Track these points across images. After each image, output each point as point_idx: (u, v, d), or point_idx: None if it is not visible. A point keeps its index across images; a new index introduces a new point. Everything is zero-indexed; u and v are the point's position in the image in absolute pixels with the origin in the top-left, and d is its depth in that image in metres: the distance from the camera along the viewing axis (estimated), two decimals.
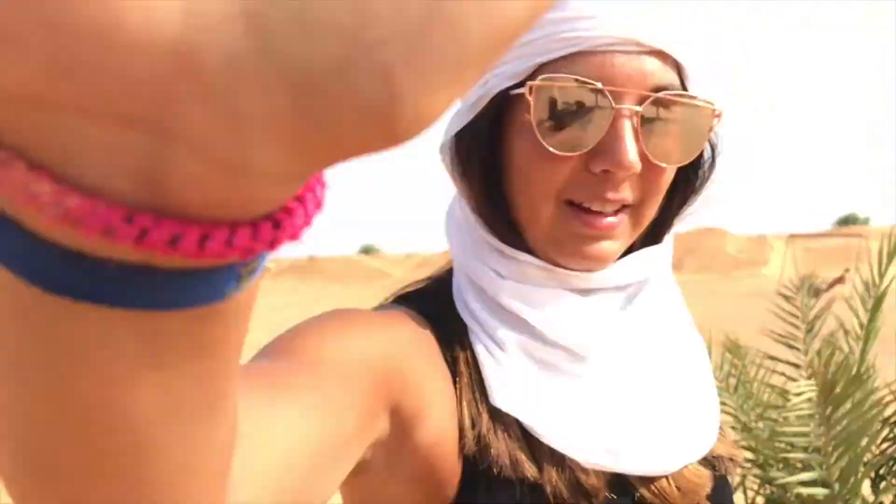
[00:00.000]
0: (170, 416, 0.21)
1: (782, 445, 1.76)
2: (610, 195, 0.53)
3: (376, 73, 0.14)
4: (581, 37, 0.50)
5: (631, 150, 0.50)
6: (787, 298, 2.13)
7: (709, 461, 0.60)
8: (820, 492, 1.56)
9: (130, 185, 0.15)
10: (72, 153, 0.14)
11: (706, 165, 0.60)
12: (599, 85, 0.50)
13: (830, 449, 1.53)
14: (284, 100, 0.14)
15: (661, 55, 0.52)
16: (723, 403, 2.10)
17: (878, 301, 1.77)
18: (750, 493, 1.88)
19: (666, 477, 0.57)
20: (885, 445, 1.71)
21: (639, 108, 0.51)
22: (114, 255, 0.16)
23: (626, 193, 0.53)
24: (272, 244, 0.17)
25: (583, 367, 0.57)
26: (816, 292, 2.23)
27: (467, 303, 0.59)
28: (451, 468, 0.54)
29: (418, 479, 0.54)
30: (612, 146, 0.50)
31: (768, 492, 1.85)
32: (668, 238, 0.62)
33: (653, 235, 0.60)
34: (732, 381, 2.13)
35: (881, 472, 1.69)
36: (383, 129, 0.14)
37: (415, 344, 0.55)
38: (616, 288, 0.59)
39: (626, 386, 0.58)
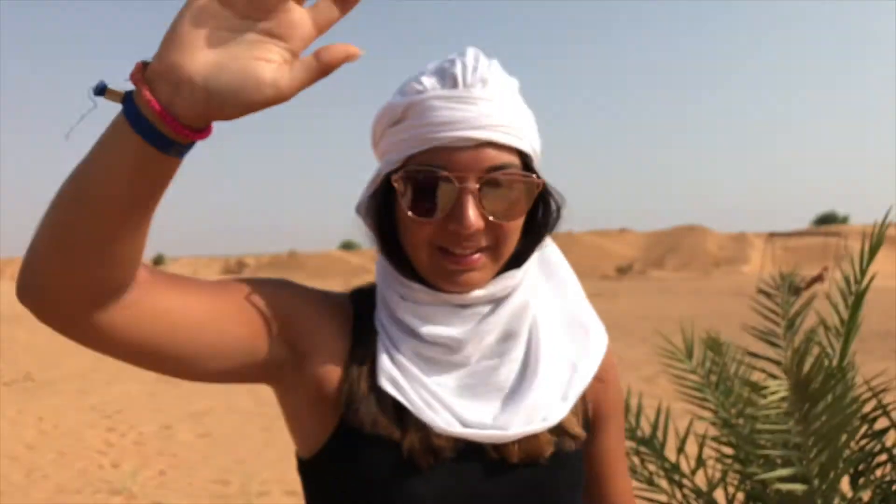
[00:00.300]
0: (128, 208, 0.58)
1: (762, 441, 1.76)
2: (464, 244, 0.75)
3: (223, 97, 0.53)
4: (435, 137, 0.73)
5: (471, 216, 0.73)
6: (768, 295, 2.13)
7: (556, 433, 0.79)
8: (799, 488, 1.55)
9: (166, 101, 0.53)
10: (155, 88, 0.53)
11: (554, 215, 0.83)
12: (445, 172, 0.73)
13: (809, 445, 1.53)
14: (205, 96, 0.53)
15: (495, 145, 0.74)
16: (704, 400, 2.10)
17: (859, 298, 1.77)
18: (730, 489, 1.87)
19: (512, 442, 0.77)
20: (863, 442, 1.71)
21: (476, 185, 0.73)
22: (153, 123, 0.54)
23: (478, 241, 0.75)
24: (190, 136, 0.55)
25: (457, 357, 0.79)
26: (796, 290, 2.23)
27: (379, 315, 0.83)
28: (329, 411, 0.78)
29: (308, 403, 0.80)
30: (458, 213, 0.73)
31: (748, 488, 1.84)
32: (530, 261, 0.84)
33: (517, 261, 0.82)
34: (713, 378, 2.13)
35: (860, 468, 1.69)
36: (222, 116, 0.55)
37: (327, 315, 0.81)
38: (486, 302, 0.80)
39: (489, 369, 0.79)
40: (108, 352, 0.69)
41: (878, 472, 1.67)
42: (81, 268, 0.60)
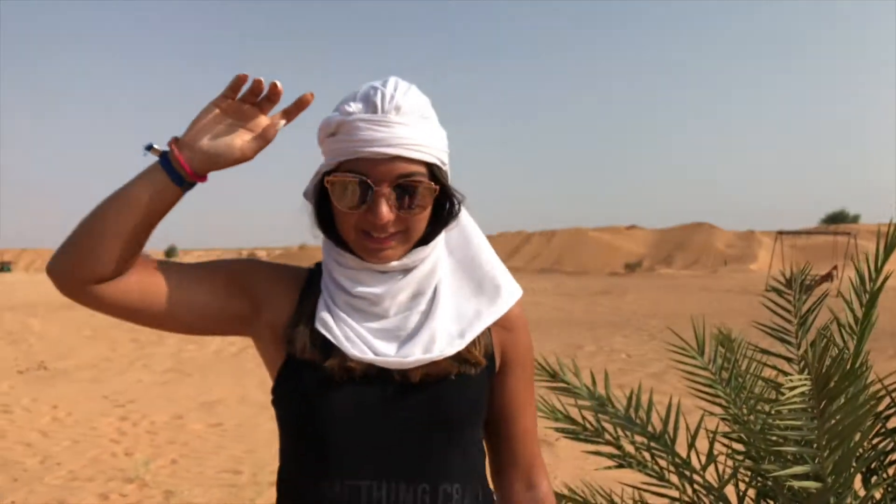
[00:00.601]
0: (146, 214, 0.97)
1: (774, 438, 1.77)
2: (379, 230, 0.99)
3: (216, 158, 0.98)
4: (358, 151, 0.96)
5: (384, 211, 0.97)
6: (779, 292, 2.14)
7: (458, 361, 1.03)
8: (813, 485, 1.56)
9: (186, 159, 0.97)
10: (182, 151, 0.97)
11: (457, 207, 1.08)
12: (365, 178, 0.97)
13: (824, 443, 1.54)
14: (207, 158, 0.98)
15: (404, 158, 0.97)
16: (716, 395, 2.12)
17: (874, 296, 1.77)
18: (741, 486, 1.89)
19: (416, 368, 1.01)
20: (876, 440, 1.72)
21: (389, 189, 0.97)
22: (177, 169, 0.97)
23: (390, 228, 0.99)
24: (196, 179, 0.98)
25: (377, 309, 1.04)
26: (807, 289, 2.24)
27: (323, 278, 1.09)
28: (280, 347, 1.07)
29: (268, 343, 1.09)
30: (374, 208, 0.97)
31: (760, 484, 1.86)
32: (437, 240, 1.09)
33: (427, 240, 1.07)
34: (725, 374, 2.14)
35: (873, 466, 1.70)
36: (214, 168, 0.99)
37: (280, 279, 1.12)
38: (400, 270, 1.05)
39: (402, 319, 1.04)
40: (110, 313, 1.01)
41: (891, 471, 1.68)
42: (102, 252, 0.95)
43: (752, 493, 1.90)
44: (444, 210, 1.07)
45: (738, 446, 2.00)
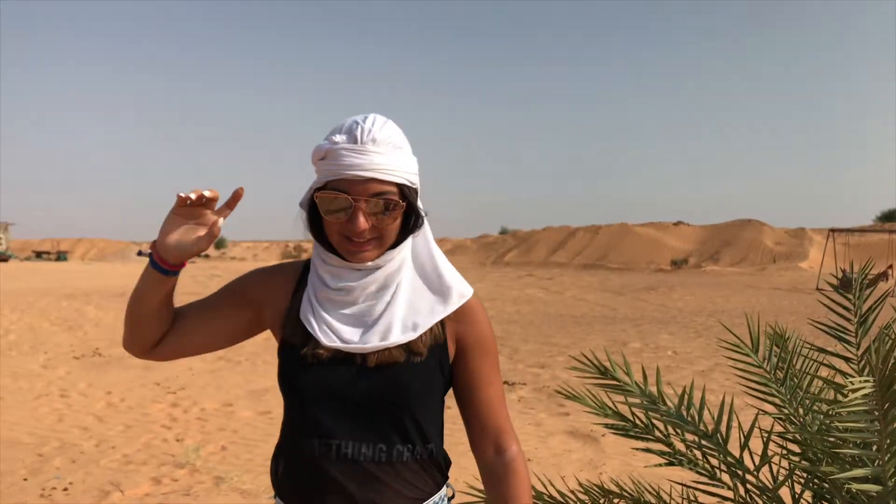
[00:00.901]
0: (158, 302, 1.28)
1: (833, 440, 1.73)
2: (358, 236, 1.22)
3: (181, 253, 1.24)
4: (341, 173, 1.19)
5: (361, 221, 1.20)
6: (838, 290, 2.08)
7: (407, 350, 1.26)
8: (873, 488, 1.52)
9: (163, 257, 1.24)
10: (158, 251, 1.24)
11: (423, 219, 1.31)
12: (346, 195, 1.19)
13: (886, 446, 1.50)
14: (176, 253, 1.23)
15: (378, 180, 1.20)
16: (770, 394, 2.08)
17: None
18: (797, 487, 1.85)
19: (375, 352, 1.25)
20: None
21: (365, 204, 1.20)
22: (161, 265, 1.24)
23: (366, 235, 1.22)
24: (175, 269, 1.25)
25: (349, 298, 1.28)
26: (870, 285, 2.18)
27: (311, 274, 1.34)
28: (277, 335, 1.34)
29: (274, 332, 1.35)
30: (353, 219, 1.20)
31: (816, 486, 1.82)
32: (405, 244, 1.31)
33: (396, 244, 1.29)
34: (780, 373, 2.09)
35: None
36: (183, 259, 1.25)
37: (276, 280, 1.38)
38: (372, 267, 1.27)
39: (368, 307, 1.28)
40: (172, 359, 1.38)
41: None
42: (141, 330, 1.31)
43: (807, 494, 1.86)
44: (410, 221, 1.30)
45: (794, 447, 1.96)
